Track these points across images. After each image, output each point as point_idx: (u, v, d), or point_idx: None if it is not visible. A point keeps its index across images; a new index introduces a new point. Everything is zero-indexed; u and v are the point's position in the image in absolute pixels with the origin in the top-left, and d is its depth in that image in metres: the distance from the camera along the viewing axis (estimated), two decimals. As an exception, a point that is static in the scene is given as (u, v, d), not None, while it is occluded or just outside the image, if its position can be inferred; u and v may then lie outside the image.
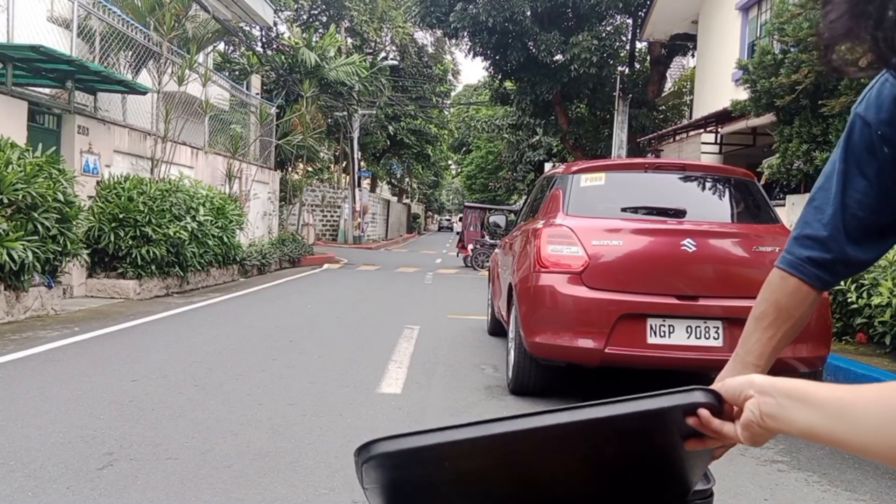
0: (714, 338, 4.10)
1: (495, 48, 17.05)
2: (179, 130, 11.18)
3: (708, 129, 11.90)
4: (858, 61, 0.85)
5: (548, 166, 24.09)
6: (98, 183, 9.22)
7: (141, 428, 3.57)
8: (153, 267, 9.13)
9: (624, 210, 4.52)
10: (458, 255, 20.01)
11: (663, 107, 18.50)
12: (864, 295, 5.73)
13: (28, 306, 6.97)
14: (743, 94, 9.12)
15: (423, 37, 37.11)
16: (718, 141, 11.95)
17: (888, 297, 5.31)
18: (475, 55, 17.75)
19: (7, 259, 6.33)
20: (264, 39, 25.53)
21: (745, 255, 4.21)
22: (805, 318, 1.15)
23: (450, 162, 58.72)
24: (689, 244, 4.13)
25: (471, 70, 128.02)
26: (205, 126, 13.08)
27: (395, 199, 49.10)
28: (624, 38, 18.80)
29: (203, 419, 3.79)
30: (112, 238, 8.78)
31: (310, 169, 23.95)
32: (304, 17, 32.73)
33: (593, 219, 4.42)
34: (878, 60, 0.86)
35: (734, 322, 4.11)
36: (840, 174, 1.08)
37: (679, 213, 4.48)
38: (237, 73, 19.96)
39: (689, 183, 4.81)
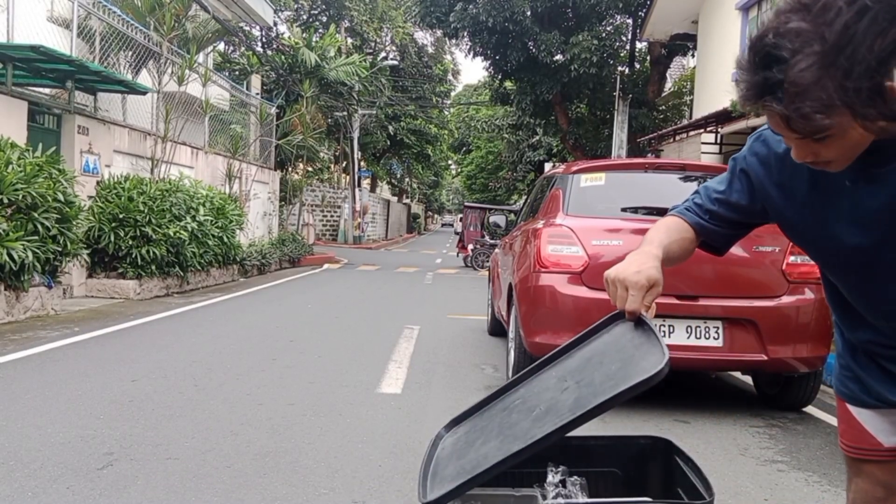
0: (714, 338, 4.10)
1: (495, 48, 17.04)
2: (179, 130, 11.18)
3: (708, 129, 11.88)
4: (828, 109, 0.90)
5: (548, 166, 24.08)
6: (98, 183, 9.22)
7: (141, 428, 3.57)
8: (153, 267, 9.13)
9: (624, 210, 4.52)
10: (458, 255, 20.00)
11: (663, 107, 18.48)
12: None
13: (28, 306, 6.97)
14: (743, 94, 9.10)
15: (423, 37, 37.09)
16: (718, 141, 11.94)
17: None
18: (475, 55, 17.73)
19: (7, 259, 6.33)
20: (264, 39, 25.52)
21: (745, 255, 4.21)
22: (686, 242, 1.45)
23: (450, 162, 58.68)
24: (689, 244, 4.13)
25: (471, 70, 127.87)
26: (205, 126, 13.07)
27: (395, 199, 49.09)
28: (624, 38, 18.79)
29: (203, 419, 3.79)
30: (112, 238, 8.78)
31: (310, 169, 23.95)
32: (304, 17, 32.71)
33: (593, 219, 4.42)
34: (847, 109, 0.90)
35: (734, 322, 4.11)
36: (728, 183, 1.42)
37: (679, 214, 4.47)
38: (237, 73, 19.96)
39: (689, 183, 4.80)
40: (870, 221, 1.19)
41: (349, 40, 32.52)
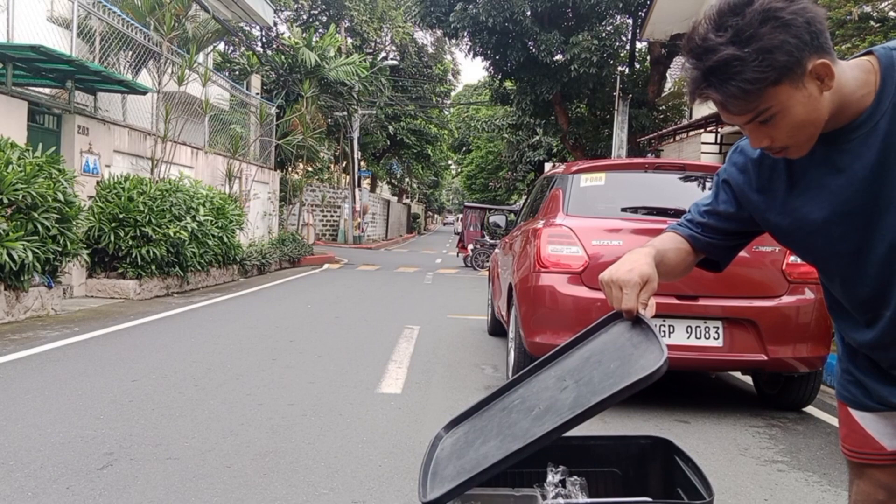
0: (714, 338, 4.10)
1: (495, 48, 17.03)
2: (179, 130, 11.18)
3: (708, 129, 11.88)
4: (755, 84, 1.07)
5: (548, 166, 24.07)
6: (98, 183, 9.22)
7: (141, 428, 3.57)
8: (153, 267, 9.13)
9: (624, 210, 4.52)
10: (458, 255, 20.00)
11: (663, 107, 18.46)
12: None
13: (28, 306, 6.97)
14: (743, 94, 9.10)
15: (423, 37, 37.09)
16: (718, 141, 11.94)
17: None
18: (475, 55, 17.72)
19: (7, 259, 6.33)
20: (264, 39, 25.55)
21: (745, 254, 4.21)
22: (683, 253, 1.47)
23: (450, 162, 58.65)
24: (689, 244, 4.13)
25: (471, 70, 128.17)
26: (205, 126, 13.08)
27: (395, 199, 49.07)
28: (624, 38, 18.77)
29: (203, 419, 3.79)
30: (112, 238, 8.78)
31: (310, 169, 23.94)
32: (304, 17, 32.72)
33: (593, 219, 4.42)
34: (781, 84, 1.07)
35: (734, 322, 4.11)
36: (714, 196, 1.46)
37: (679, 214, 4.45)
38: (237, 73, 19.97)
39: (689, 183, 4.80)
40: (849, 211, 1.21)
41: (349, 40, 32.51)
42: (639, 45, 19.85)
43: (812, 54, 1.07)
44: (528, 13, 16.50)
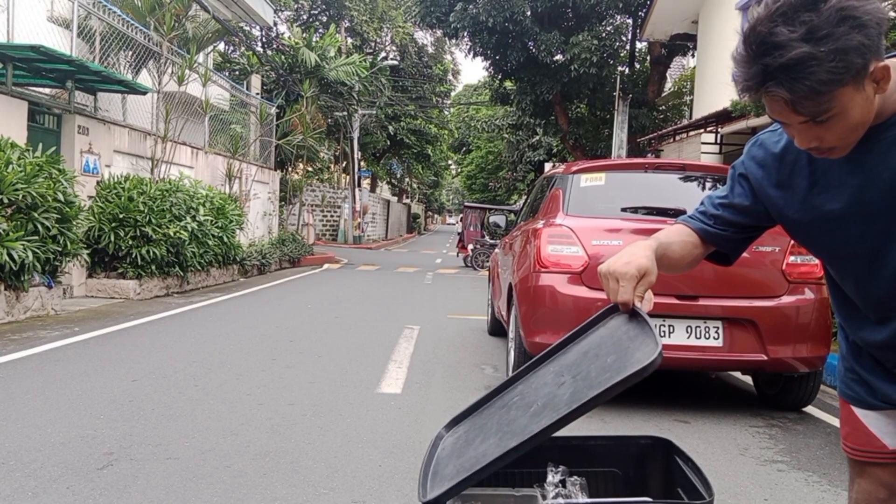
0: (714, 338, 4.10)
1: (495, 48, 17.03)
2: (179, 130, 11.18)
3: (708, 129, 11.88)
4: (829, 85, 1.04)
5: (548, 166, 24.05)
6: (98, 183, 9.22)
7: (141, 428, 3.57)
8: (153, 267, 9.13)
9: (624, 210, 4.52)
10: (458, 255, 20.00)
11: (663, 107, 18.47)
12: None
13: (28, 306, 6.97)
14: (743, 94, 9.09)
15: (423, 37, 37.09)
16: (718, 141, 11.93)
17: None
18: (475, 55, 17.73)
19: (7, 259, 6.33)
20: (264, 39, 25.56)
21: (745, 254, 4.20)
22: (689, 246, 1.46)
23: (450, 162, 58.63)
24: (689, 244, 4.12)
25: (471, 70, 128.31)
26: (205, 126, 13.08)
27: (395, 199, 49.06)
28: (624, 38, 18.78)
29: (203, 419, 3.79)
30: (112, 238, 8.78)
31: (310, 169, 23.94)
32: (304, 17, 32.72)
33: (593, 219, 4.42)
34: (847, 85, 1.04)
35: (734, 322, 4.11)
36: (729, 189, 1.45)
37: (679, 214, 4.47)
38: (237, 73, 19.97)
39: (689, 183, 4.80)
40: (870, 212, 1.21)
41: (349, 40, 32.51)
42: (639, 45, 19.86)
43: (874, 56, 1.05)
44: (528, 13, 16.50)
